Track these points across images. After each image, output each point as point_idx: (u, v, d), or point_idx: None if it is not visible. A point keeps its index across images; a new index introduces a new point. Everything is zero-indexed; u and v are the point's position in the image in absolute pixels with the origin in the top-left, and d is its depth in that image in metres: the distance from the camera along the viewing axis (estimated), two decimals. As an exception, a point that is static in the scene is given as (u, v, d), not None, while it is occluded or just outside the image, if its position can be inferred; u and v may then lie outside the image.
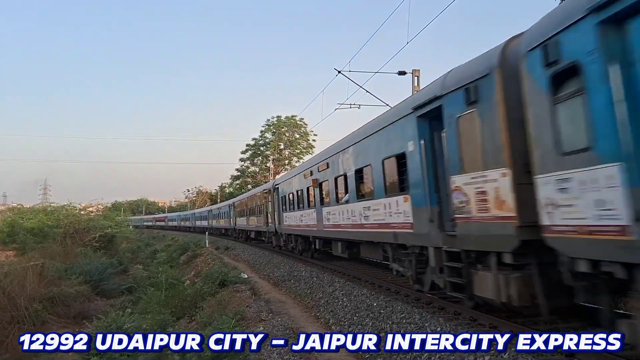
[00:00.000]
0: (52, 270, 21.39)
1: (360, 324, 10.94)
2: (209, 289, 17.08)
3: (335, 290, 14.38)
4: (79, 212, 39.19)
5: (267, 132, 78.73)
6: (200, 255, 34.16)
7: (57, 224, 34.18)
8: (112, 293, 22.84)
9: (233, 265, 25.13)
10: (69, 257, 27.06)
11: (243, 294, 16.32)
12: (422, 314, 9.98)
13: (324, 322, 12.21)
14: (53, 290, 18.83)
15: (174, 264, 33.11)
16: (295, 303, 15.08)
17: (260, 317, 12.46)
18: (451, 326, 8.83)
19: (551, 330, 6.83)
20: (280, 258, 25.15)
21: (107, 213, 46.24)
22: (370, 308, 11.63)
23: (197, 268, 28.45)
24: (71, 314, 18.34)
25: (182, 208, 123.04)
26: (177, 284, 19.69)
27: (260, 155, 79.21)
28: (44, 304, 17.56)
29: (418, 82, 22.13)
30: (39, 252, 25.16)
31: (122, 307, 16.63)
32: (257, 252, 30.68)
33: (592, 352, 5.74)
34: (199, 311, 14.48)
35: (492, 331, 7.91)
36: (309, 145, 76.66)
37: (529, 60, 6.87)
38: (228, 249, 37.20)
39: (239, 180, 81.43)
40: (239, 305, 14.20)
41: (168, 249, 44.57)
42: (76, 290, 19.71)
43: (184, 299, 16.35)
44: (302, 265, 20.90)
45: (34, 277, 18.74)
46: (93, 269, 23.33)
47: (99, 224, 36.06)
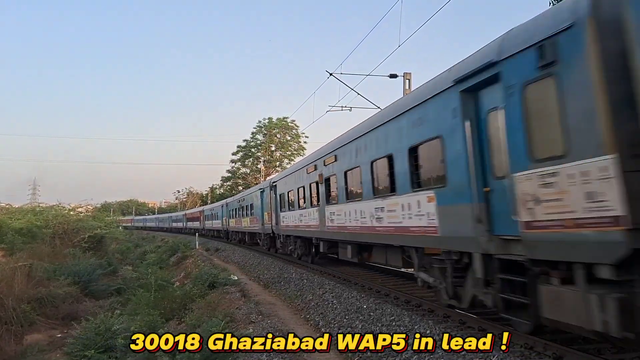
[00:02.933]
0: (41, 271, 21.21)
1: (350, 326, 10.95)
2: (198, 291, 17.02)
3: (325, 293, 14.39)
4: (68, 212, 38.89)
5: (259, 133, 78.77)
6: (190, 257, 34.07)
7: (45, 225, 33.88)
8: (101, 294, 22.69)
9: (223, 267, 25.07)
10: (58, 257, 26.84)
11: (233, 295, 16.29)
12: (412, 316, 10.02)
13: (314, 324, 12.21)
14: (41, 291, 18.69)
15: (164, 265, 32.99)
16: (285, 305, 15.06)
17: (249, 319, 12.44)
18: (440, 329, 8.87)
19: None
20: (271, 260, 25.12)
21: (97, 214, 45.93)
22: (360, 310, 11.65)
23: (186, 269, 28.38)
24: (60, 315, 18.21)
25: (172, 209, 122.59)
26: (167, 286, 19.61)
27: (252, 157, 79.21)
28: (32, 304, 17.42)
29: (409, 85, 22.19)
30: (27, 252, 24.91)
31: (111, 309, 16.54)
32: (247, 254, 30.64)
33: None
34: (188, 313, 14.41)
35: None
36: (300, 147, 76.76)
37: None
38: (218, 251, 37.13)
39: (229, 181, 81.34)
40: (229, 307, 14.17)
41: (158, 250, 44.39)
42: (65, 291, 19.56)
43: (173, 301, 16.27)
44: (292, 267, 20.89)
45: (22, 277, 18.60)
46: (82, 270, 23.15)
47: (88, 224, 35.79)
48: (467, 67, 8.38)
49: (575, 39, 5.99)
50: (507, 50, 7.25)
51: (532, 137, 6.70)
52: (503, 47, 7.41)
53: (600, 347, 6.97)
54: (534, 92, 6.63)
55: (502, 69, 7.34)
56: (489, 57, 7.70)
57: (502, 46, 7.46)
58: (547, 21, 6.56)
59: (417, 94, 10.75)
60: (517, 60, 6.98)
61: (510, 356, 6.88)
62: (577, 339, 7.39)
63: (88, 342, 11.24)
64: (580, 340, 7.35)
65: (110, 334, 11.53)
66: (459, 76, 8.49)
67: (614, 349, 6.93)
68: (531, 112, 6.71)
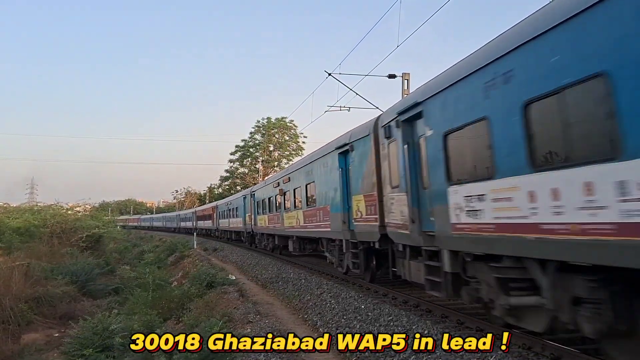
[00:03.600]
0: (38, 270, 21.17)
1: (347, 326, 10.94)
2: (196, 291, 17.00)
3: (323, 293, 14.38)
4: (66, 212, 38.87)
5: (257, 133, 78.79)
6: (188, 257, 34.02)
7: (43, 224, 33.84)
8: (99, 294, 22.67)
9: (221, 267, 25.06)
10: (56, 257, 26.81)
11: (231, 295, 16.27)
12: (410, 316, 10.01)
13: (312, 324, 12.20)
14: (39, 291, 18.66)
15: (162, 265, 32.94)
16: (283, 305, 15.06)
17: (247, 319, 12.43)
18: (439, 329, 8.87)
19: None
20: (269, 260, 25.11)
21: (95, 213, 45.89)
22: (358, 310, 11.64)
23: (184, 269, 28.33)
24: (57, 314, 18.18)
25: (171, 209, 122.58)
26: (165, 285, 19.60)
27: (250, 157, 79.14)
28: (30, 304, 17.41)
29: (408, 85, 22.18)
30: (24, 251, 24.89)
31: (108, 308, 16.53)
32: (245, 254, 30.62)
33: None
34: (186, 313, 14.39)
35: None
36: (298, 147, 76.76)
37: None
38: (216, 250, 37.09)
39: (228, 181, 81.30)
40: (227, 307, 14.16)
41: (156, 250, 44.34)
42: (62, 290, 19.53)
43: (171, 300, 16.25)
44: (290, 267, 20.90)
45: (20, 277, 18.57)
46: (80, 270, 23.13)
47: (86, 224, 35.77)
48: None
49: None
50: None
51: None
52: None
53: (598, 347, 6.91)
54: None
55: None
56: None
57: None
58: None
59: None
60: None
61: (508, 356, 6.87)
62: (576, 339, 7.41)
63: (85, 341, 11.22)
64: (579, 340, 7.37)
65: (107, 333, 11.52)
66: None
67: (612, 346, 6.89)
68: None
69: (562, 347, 6.89)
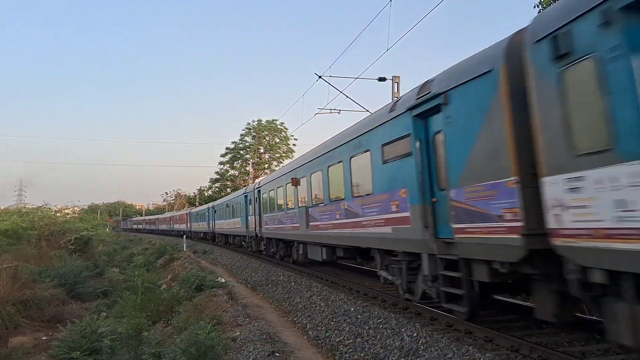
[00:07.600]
0: (26, 273, 21.04)
1: (337, 329, 10.95)
2: (185, 293, 16.95)
3: (313, 295, 14.39)
4: (54, 214, 38.65)
5: (247, 135, 78.65)
6: (177, 259, 33.88)
7: (31, 226, 33.64)
8: (88, 296, 22.54)
9: (210, 270, 24.97)
10: (44, 259, 26.67)
11: (220, 298, 16.22)
12: (399, 319, 10.03)
13: (301, 327, 12.20)
14: (27, 294, 18.52)
15: (151, 267, 32.79)
16: (272, 308, 15.04)
17: (237, 322, 12.40)
18: (427, 331, 8.89)
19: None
20: (258, 262, 25.06)
21: (83, 215, 45.64)
22: (347, 313, 11.66)
23: (174, 272, 28.21)
24: (45, 317, 18.07)
25: (160, 211, 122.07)
26: (154, 288, 19.51)
27: (240, 159, 78.99)
28: (17, 307, 17.28)
29: (398, 88, 22.29)
30: (12, 254, 24.71)
31: (97, 311, 16.48)
32: (235, 256, 30.53)
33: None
34: (175, 315, 14.34)
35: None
36: (289, 150, 76.71)
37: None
38: (206, 253, 36.96)
39: (218, 183, 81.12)
40: (216, 310, 14.12)
41: (145, 253, 44.13)
42: (50, 293, 19.43)
43: (160, 303, 16.19)
44: (280, 270, 20.87)
45: (7, 279, 18.44)
46: (68, 272, 23.00)
47: (75, 226, 35.59)
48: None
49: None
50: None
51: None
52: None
53: (584, 350, 7.05)
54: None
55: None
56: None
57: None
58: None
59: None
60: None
61: (496, 358, 6.92)
62: (563, 342, 7.50)
63: (74, 344, 11.18)
64: (566, 343, 7.48)
65: (96, 336, 11.48)
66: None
67: (599, 351, 7.02)
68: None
69: (549, 350, 6.92)
